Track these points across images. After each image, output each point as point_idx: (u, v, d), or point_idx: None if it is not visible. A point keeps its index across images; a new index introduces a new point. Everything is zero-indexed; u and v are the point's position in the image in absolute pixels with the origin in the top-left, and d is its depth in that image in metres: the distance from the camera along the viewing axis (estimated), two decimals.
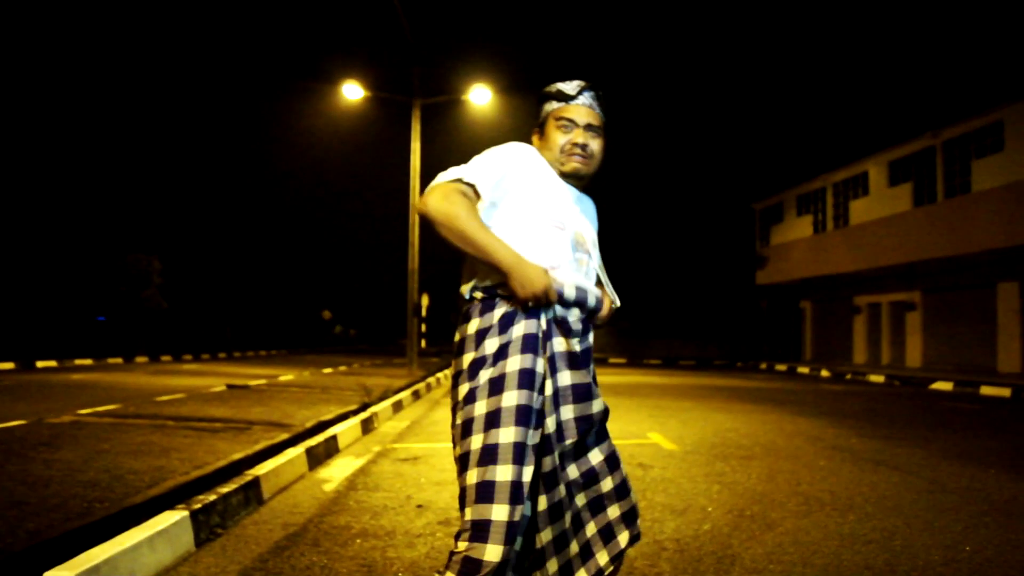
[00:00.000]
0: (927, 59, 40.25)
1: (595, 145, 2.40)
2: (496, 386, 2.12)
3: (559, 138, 2.37)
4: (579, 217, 2.41)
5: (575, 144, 2.36)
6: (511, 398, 2.08)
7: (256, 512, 4.68)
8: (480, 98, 19.23)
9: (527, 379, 2.11)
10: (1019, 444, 8.02)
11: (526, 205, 2.28)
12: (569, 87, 2.40)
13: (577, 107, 2.38)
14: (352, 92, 19.19)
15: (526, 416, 2.07)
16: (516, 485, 2.00)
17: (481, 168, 2.23)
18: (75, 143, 37.21)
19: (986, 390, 16.02)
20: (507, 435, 2.04)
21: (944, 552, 3.88)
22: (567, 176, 2.40)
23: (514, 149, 2.34)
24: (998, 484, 5.72)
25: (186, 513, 3.88)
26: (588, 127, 2.38)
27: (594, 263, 2.45)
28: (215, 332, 39.30)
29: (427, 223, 2.15)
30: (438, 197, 2.13)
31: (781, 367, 27.33)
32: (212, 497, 4.27)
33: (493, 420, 2.08)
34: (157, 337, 32.32)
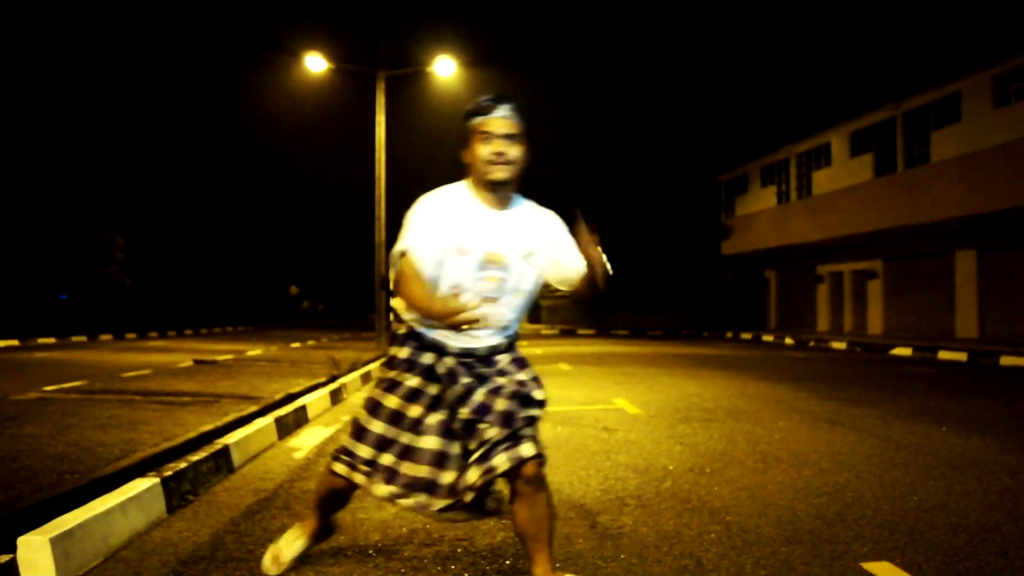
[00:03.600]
0: (888, 31, 40.64)
1: (514, 152, 2.61)
2: (389, 389, 2.78)
3: (481, 150, 2.59)
4: (494, 237, 2.64)
5: (495, 153, 2.58)
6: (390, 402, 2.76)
7: (227, 479, 4.74)
8: (445, 70, 19.15)
9: (408, 394, 2.73)
10: (971, 405, 8.30)
11: (434, 241, 2.60)
12: (486, 102, 2.61)
13: (495, 120, 2.59)
14: (315, 64, 19.00)
15: (393, 418, 2.75)
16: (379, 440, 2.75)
17: (408, 237, 2.62)
18: (32, 117, 36.38)
19: (944, 355, 16.44)
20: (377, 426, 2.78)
21: (892, 502, 4.06)
22: (494, 184, 2.62)
23: (422, 204, 2.68)
24: (947, 441, 5.94)
25: (157, 480, 3.93)
26: (507, 136, 2.59)
27: (513, 277, 2.68)
28: (180, 309, 38.91)
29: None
30: (399, 289, 2.60)
31: (746, 335, 27.76)
32: (183, 465, 4.32)
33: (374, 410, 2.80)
34: (121, 314, 31.93)
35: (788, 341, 23.82)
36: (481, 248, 2.61)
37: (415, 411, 2.73)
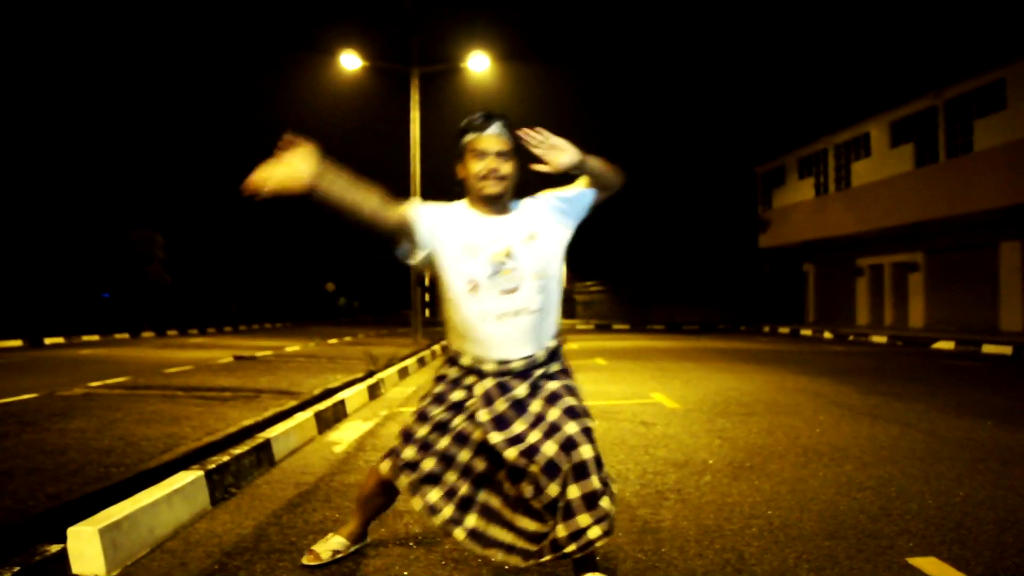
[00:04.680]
0: (928, 18, 39.87)
1: (506, 168, 2.71)
2: (434, 402, 2.87)
3: (475, 166, 2.70)
4: (497, 234, 2.72)
5: (489, 169, 2.68)
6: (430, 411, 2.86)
7: (268, 473, 4.80)
8: (479, 65, 19.17)
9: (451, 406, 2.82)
10: (1018, 398, 8.12)
11: (442, 247, 2.73)
12: (478, 119, 2.72)
13: (487, 137, 2.71)
14: (350, 62, 19.13)
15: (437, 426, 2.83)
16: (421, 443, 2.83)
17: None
18: (76, 121, 37.13)
19: (988, 348, 16.12)
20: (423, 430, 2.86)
21: (937, 497, 3.99)
22: (489, 198, 2.72)
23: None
24: (994, 435, 5.83)
25: (201, 473, 4.00)
26: (499, 154, 2.70)
27: (523, 263, 2.71)
28: (220, 306, 39.45)
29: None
30: None
31: (784, 330, 27.44)
32: (225, 458, 4.39)
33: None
34: (162, 312, 32.47)
35: (827, 335, 23.50)
36: (487, 246, 2.71)
37: (458, 422, 2.79)
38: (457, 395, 2.82)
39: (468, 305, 2.71)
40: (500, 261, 2.70)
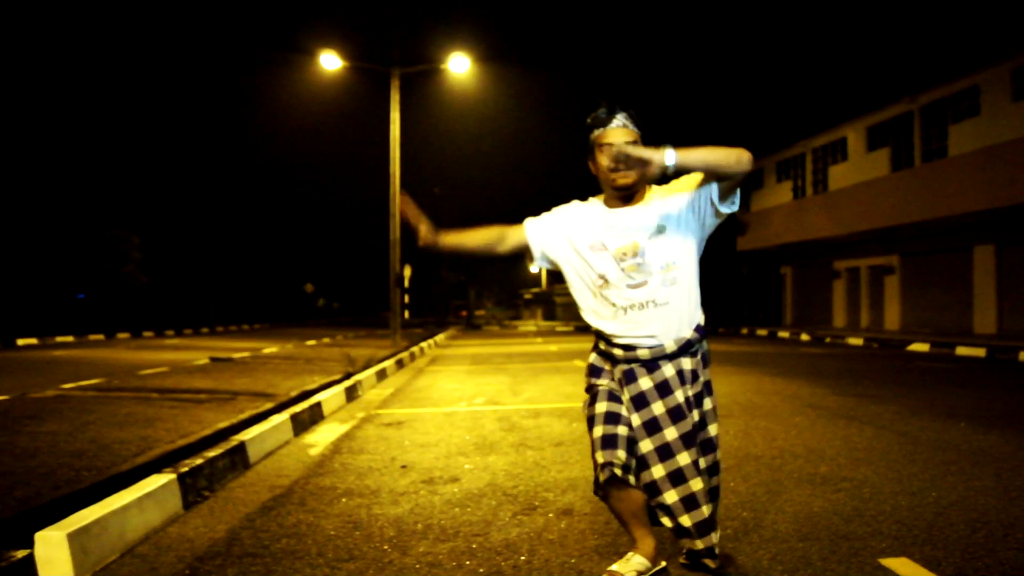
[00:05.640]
0: (905, 24, 40.31)
1: None
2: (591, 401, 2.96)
3: (604, 161, 2.74)
4: (624, 230, 2.78)
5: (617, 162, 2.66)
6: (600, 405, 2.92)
7: (243, 476, 4.76)
8: (459, 67, 19.15)
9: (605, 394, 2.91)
10: (990, 400, 8.21)
11: (548, 225, 2.95)
12: (602, 114, 2.79)
13: (612, 130, 2.76)
14: (330, 62, 19.04)
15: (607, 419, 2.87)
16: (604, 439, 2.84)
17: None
18: (50, 118, 36.67)
19: (962, 350, 16.29)
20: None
21: (911, 498, 4.02)
22: (618, 189, 2.76)
23: (560, 207, 3.01)
24: (966, 436, 5.88)
25: (173, 476, 3.96)
26: (625, 144, 2.68)
27: (651, 258, 2.75)
28: (197, 307, 39.11)
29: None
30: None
31: (762, 332, 27.62)
32: (198, 461, 4.34)
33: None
34: (138, 313, 32.16)
35: (804, 337, 23.68)
36: (614, 243, 2.78)
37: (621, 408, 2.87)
38: (603, 383, 2.94)
39: (599, 298, 2.83)
40: (626, 257, 2.76)
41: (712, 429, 2.83)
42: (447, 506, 4.01)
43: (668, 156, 2.49)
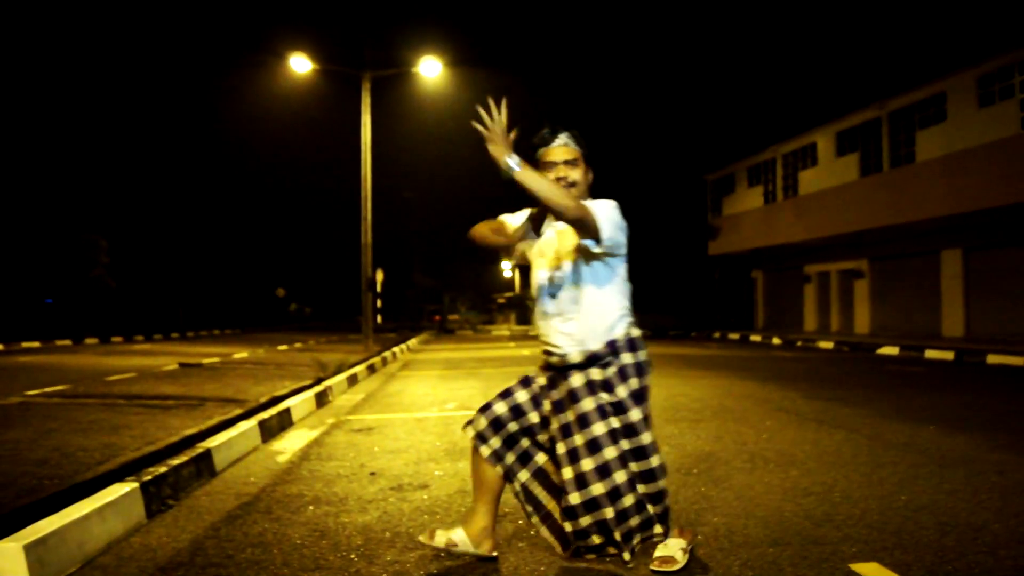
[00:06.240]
0: (873, 31, 40.85)
1: (575, 175, 2.95)
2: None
3: (546, 177, 2.83)
4: (555, 244, 3.02)
5: (558, 179, 2.90)
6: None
7: (208, 483, 4.68)
8: (431, 70, 19.09)
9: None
10: (958, 403, 8.30)
11: (535, 247, 3.15)
12: (547, 134, 2.97)
13: (555, 148, 2.96)
14: (300, 65, 18.90)
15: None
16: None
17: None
18: (16, 120, 36.02)
19: (930, 353, 16.49)
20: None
21: (880, 502, 4.04)
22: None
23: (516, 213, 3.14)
24: (935, 439, 5.93)
25: (136, 485, 3.87)
26: (566, 163, 2.94)
27: (568, 273, 2.97)
28: (167, 312, 38.61)
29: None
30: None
31: (734, 336, 27.80)
32: (163, 469, 4.26)
33: None
34: (107, 318, 31.69)
35: (776, 341, 23.86)
36: (548, 251, 3.04)
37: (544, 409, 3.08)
38: (541, 379, 3.15)
39: (539, 302, 3.08)
40: (553, 267, 3.01)
41: (645, 438, 2.88)
42: (416, 513, 3.96)
43: (512, 162, 2.59)
